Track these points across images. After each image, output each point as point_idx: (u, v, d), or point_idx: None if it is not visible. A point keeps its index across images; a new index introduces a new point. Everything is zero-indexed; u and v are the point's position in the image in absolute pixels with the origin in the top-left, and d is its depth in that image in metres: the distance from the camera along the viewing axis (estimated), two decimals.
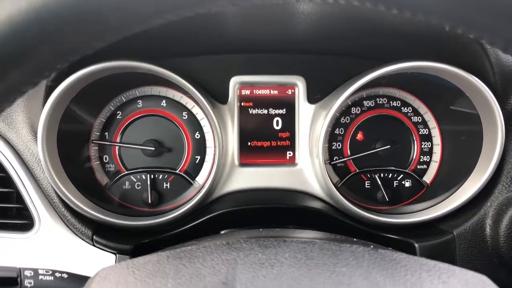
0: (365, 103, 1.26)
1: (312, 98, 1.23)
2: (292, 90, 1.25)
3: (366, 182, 1.26)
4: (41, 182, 1.09)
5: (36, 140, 1.05)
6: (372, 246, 0.70)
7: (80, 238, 1.09)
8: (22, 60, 0.47)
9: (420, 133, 1.27)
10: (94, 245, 1.08)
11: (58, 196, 1.08)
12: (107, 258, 1.07)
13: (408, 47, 1.10)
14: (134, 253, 1.07)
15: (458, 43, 1.02)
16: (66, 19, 0.45)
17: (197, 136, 1.24)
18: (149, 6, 0.47)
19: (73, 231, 1.09)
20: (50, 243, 1.07)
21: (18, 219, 1.08)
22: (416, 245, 1.08)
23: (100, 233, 1.09)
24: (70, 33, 0.46)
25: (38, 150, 1.05)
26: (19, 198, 1.09)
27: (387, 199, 1.22)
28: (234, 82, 1.23)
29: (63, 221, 1.09)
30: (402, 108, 1.27)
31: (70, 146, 1.14)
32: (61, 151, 1.10)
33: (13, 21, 0.44)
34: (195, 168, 1.24)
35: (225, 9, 0.87)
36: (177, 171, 1.23)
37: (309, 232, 0.96)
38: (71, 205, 1.08)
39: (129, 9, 0.46)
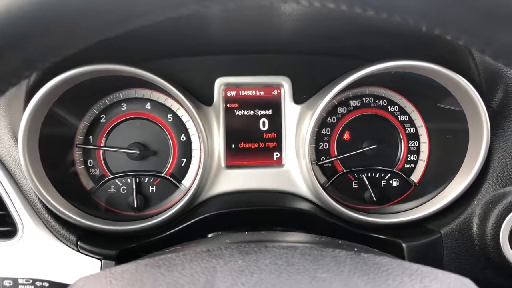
0: (351, 102, 1.26)
1: (298, 98, 1.23)
2: (278, 91, 1.24)
3: (353, 182, 1.26)
4: (24, 188, 1.08)
5: (18, 145, 1.04)
6: (355, 250, 0.69)
7: (65, 244, 1.07)
8: None
9: (407, 132, 1.27)
10: (79, 251, 1.07)
11: (41, 202, 1.06)
12: (92, 264, 1.05)
13: (393, 46, 1.10)
14: (119, 259, 1.05)
15: (443, 42, 1.02)
16: (33, 26, 0.44)
17: (183, 138, 1.23)
18: (118, 11, 0.45)
19: (57, 237, 1.07)
20: (33, 250, 1.06)
21: (1, 226, 1.07)
22: (404, 245, 1.07)
23: (85, 239, 1.07)
24: (38, 40, 0.45)
25: (19, 155, 1.03)
26: (1, 205, 1.07)
27: (375, 199, 1.22)
28: (219, 83, 1.22)
29: (47, 227, 1.08)
30: (389, 107, 1.26)
31: (53, 151, 1.13)
32: (44, 156, 1.08)
33: None
34: (181, 171, 1.23)
35: (199, 13, 0.86)
36: (162, 174, 1.22)
37: (293, 235, 0.96)
38: (54, 211, 1.06)
39: (98, 15, 0.45)
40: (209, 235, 1.19)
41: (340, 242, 0.85)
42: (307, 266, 0.58)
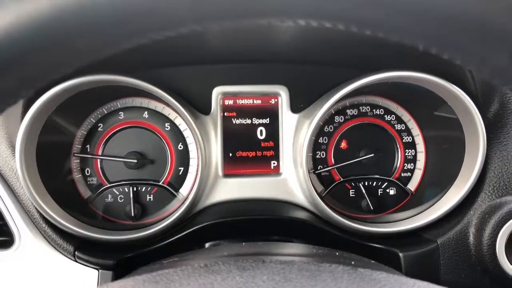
0: (348, 111, 1.26)
1: (295, 107, 1.23)
2: (275, 100, 1.24)
3: (350, 190, 1.26)
4: (21, 198, 1.07)
5: (15, 154, 1.03)
6: (352, 263, 0.69)
7: (62, 254, 1.07)
8: None
9: (403, 140, 1.27)
10: (76, 261, 1.06)
11: (38, 211, 1.06)
12: (89, 274, 1.05)
13: (390, 57, 1.10)
14: (117, 269, 1.05)
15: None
16: (31, 46, 0.44)
17: (180, 147, 1.23)
18: (119, 30, 0.46)
19: (54, 247, 1.07)
20: (31, 260, 1.05)
21: None
22: (401, 254, 1.08)
23: (82, 249, 1.07)
24: (36, 60, 0.45)
25: (16, 165, 1.03)
26: None
27: (372, 208, 1.22)
28: (217, 92, 1.22)
29: (44, 237, 1.08)
30: (385, 116, 1.27)
31: (50, 160, 1.13)
32: (41, 165, 1.08)
33: None
34: (179, 180, 1.23)
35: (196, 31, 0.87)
36: (160, 183, 1.22)
37: (291, 246, 0.96)
38: (51, 221, 1.06)
39: (97, 34, 0.45)
40: (207, 245, 1.20)
41: (337, 253, 0.86)
42: (304, 282, 0.58)
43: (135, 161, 1.19)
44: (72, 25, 0.43)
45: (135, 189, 1.20)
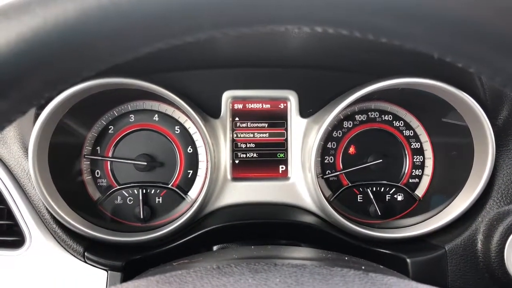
0: (357, 117, 1.27)
1: (304, 112, 1.24)
2: (285, 104, 1.25)
3: (358, 196, 1.26)
4: (32, 199, 1.09)
5: (27, 155, 1.05)
6: (363, 268, 0.70)
7: (72, 254, 1.08)
8: (10, 90, 0.47)
9: (412, 146, 1.28)
10: (85, 262, 1.07)
11: (49, 212, 1.07)
12: (98, 275, 1.06)
13: (400, 63, 1.11)
14: (125, 270, 1.06)
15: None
16: (57, 50, 0.45)
17: (190, 150, 1.24)
18: (139, 34, 0.47)
19: (64, 248, 1.08)
20: (41, 260, 1.06)
21: (9, 235, 1.07)
22: (408, 260, 1.08)
23: (91, 250, 1.08)
24: (60, 63, 0.46)
25: (29, 166, 1.04)
26: (10, 214, 1.08)
27: (380, 213, 1.22)
28: (227, 96, 1.23)
29: (54, 238, 1.09)
30: (394, 122, 1.27)
31: (62, 161, 1.14)
32: (53, 167, 1.10)
33: (1, 52, 0.44)
34: (188, 183, 1.24)
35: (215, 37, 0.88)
36: (169, 186, 1.23)
37: (300, 250, 0.96)
38: (62, 221, 1.07)
39: (119, 38, 0.46)
40: (214, 248, 1.20)
41: (346, 258, 0.86)
42: (316, 286, 0.59)
43: (145, 163, 1.20)
44: (96, 29, 0.44)
45: (144, 191, 1.21)
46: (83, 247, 1.08)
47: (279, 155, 1.26)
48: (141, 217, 1.19)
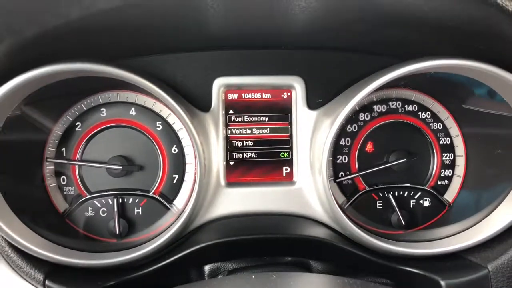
0: (375, 107, 1.07)
1: (313, 102, 1.05)
2: (289, 94, 1.05)
3: (377, 202, 1.07)
4: None
5: None
6: None
7: (29, 283, 0.87)
8: None
9: (440, 142, 1.09)
10: None
11: (1, 235, 0.87)
12: None
13: (432, 41, 0.90)
14: None
15: (494, 36, 0.82)
16: None
17: (174, 150, 1.04)
18: None
19: (20, 276, 0.88)
20: None
21: None
22: (442, 282, 0.89)
23: (54, 276, 0.88)
24: None
25: None
26: None
27: (403, 223, 1.03)
28: (218, 84, 1.03)
29: (8, 264, 0.88)
30: (420, 113, 1.08)
31: (17, 166, 0.94)
32: (5, 173, 0.89)
33: None
34: (173, 190, 1.05)
35: None
36: (150, 194, 1.04)
37: (313, 278, 0.77)
38: (16, 244, 0.86)
39: None
40: (206, 268, 1.01)
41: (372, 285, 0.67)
42: None
43: (120, 167, 1.00)
44: None
45: (120, 200, 1.02)
46: (43, 273, 0.87)
47: (282, 154, 1.06)
48: (117, 232, 1.00)
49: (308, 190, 1.04)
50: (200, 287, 0.79)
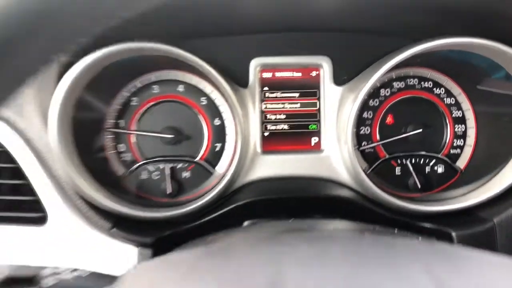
0: (395, 84, 1.19)
1: (339, 79, 1.16)
2: (317, 72, 1.17)
3: (396, 168, 1.19)
4: (54, 174, 1.03)
5: (49, 129, 0.99)
6: (420, 239, 0.63)
7: (98, 231, 1.03)
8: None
9: (453, 115, 1.20)
10: (113, 239, 1.02)
11: (73, 188, 1.02)
12: (127, 252, 1.01)
13: (446, 23, 1.02)
14: (155, 246, 1.01)
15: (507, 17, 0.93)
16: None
17: (217, 122, 1.18)
18: None
19: (90, 224, 1.03)
20: (65, 237, 1.02)
21: (31, 212, 1.02)
22: (454, 233, 1.01)
23: (119, 226, 1.03)
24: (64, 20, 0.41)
25: (50, 140, 0.99)
26: (31, 190, 1.03)
27: (419, 186, 1.15)
28: (255, 64, 1.16)
29: (79, 214, 1.03)
30: (434, 89, 1.19)
31: (84, 135, 1.08)
32: (75, 140, 1.04)
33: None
34: (216, 157, 1.18)
35: None
36: (196, 160, 1.17)
37: (345, 223, 0.90)
38: (87, 198, 1.02)
39: None
40: (245, 223, 1.15)
41: (396, 231, 0.80)
42: (380, 253, 0.52)
43: (171, 136, 1.14)
44: None
45: (171, 165, 1.16)
46: (110, 223, 1.03)
47: (311, 126, 1.19)
48: (168, 192, 1.14)
49: (335, 157, 1.16)
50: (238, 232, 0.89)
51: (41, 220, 1.02)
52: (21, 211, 1.02)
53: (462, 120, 1.20)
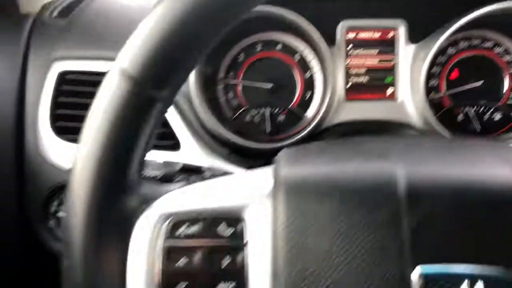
0: (460, 43, 1.39)
1: (412, 39, 1.37)
2: (394, 33, 1.39)
3: (459, 116, 1.41)
4: (184, 112, 1.31)
5: (189, 82, 1.28)
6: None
7: (217, 157, 1.30)
8: None
9: (510, 71, 1.39)
10: (229, 164, 1.30)
11: (200, 124, 1.30)
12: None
13: None
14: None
15: None
16: None
17: (307, 75, 1.42)
18: None
19: (211, 151, 1.30)
20: (194, 159, 1.29)
21: (167, 139, 1.30)
22: None
23: (233, 153, 1.30)
24: None
25: (189, 91, 1.27)
26: (167, 125, 1.31)
27: (479, 130, 1.37)
28: (342, 26, 1.38)
29: (203, 143, 1.30)
30: (494, 48, 1.39)
31: (206, 85, 1.35)
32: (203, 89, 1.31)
33: None
34: (306, 104, 1.43)
35: None
36: (290, 107, 1.42)
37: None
38: (210, 131, 1.29)
39: None
40: None
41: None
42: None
43: (271, 85, 1.39)
44: None
45: (270, 110, 1.41)
46: (226, 150, 1.30)
47: (387, 79, 1.41)
48: (268, 131, 1.40)
49: (408, 105, 1.38)
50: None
51: (175, 147, 1.30)
52: (161, 140, 1.31)
53: None
